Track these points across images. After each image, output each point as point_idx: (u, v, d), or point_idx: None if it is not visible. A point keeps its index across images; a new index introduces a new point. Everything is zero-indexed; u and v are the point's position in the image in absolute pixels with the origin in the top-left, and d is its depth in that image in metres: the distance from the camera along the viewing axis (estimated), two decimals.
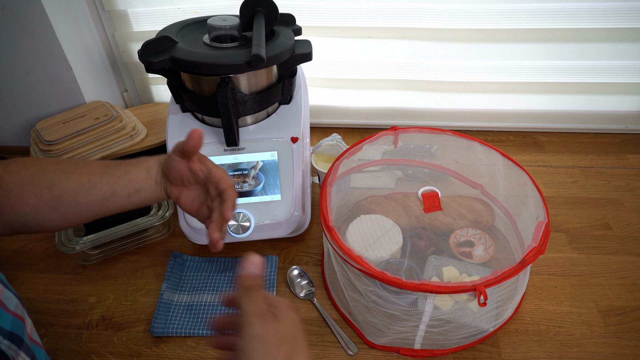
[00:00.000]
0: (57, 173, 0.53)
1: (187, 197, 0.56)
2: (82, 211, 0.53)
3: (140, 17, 0.98)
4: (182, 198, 0.56)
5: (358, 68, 1.02)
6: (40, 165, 0.53)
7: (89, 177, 0.53)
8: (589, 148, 1.03)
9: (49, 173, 0.52)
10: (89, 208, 0.53)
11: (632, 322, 0.67)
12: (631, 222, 0.83)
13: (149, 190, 0.55)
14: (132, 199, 0.54)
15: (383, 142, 0.78)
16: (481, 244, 0.74)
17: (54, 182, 0.52)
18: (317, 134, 1.09)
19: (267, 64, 0.64)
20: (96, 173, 0.54)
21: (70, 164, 0.54)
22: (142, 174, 0.55)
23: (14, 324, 0.40)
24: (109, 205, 0.54)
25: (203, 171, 0.55)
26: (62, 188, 0.52)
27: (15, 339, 0.40)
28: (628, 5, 0.87)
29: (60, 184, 0.52)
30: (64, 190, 0.52)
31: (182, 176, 0.54)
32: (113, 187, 0.53)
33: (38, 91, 0.97)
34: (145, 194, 0.55)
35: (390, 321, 0.60)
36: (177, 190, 0.55)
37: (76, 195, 0.52)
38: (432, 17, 0.92)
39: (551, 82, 1.00)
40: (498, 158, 0.74)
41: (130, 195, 0.54)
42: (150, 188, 0.55)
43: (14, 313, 0.41)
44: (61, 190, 0.52)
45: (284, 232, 0.74)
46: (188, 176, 0.55)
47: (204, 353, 0.65)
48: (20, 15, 0.86)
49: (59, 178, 0.52)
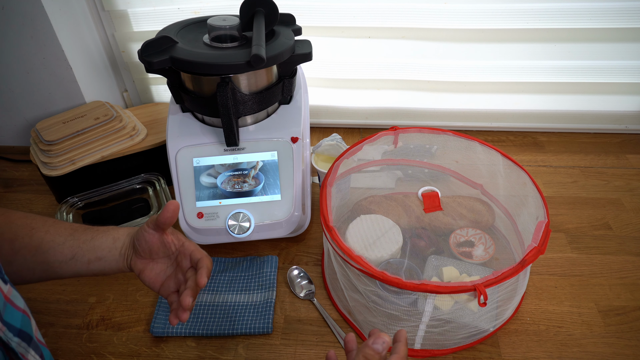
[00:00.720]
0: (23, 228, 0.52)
1: (152, 270, 0.56)
2: (37, 270, 0.52)
3: (140, 17, 0.98)
4: (146, 271, 0.55)
5: (358, 68, 1.02)
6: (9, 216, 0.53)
7: (53, 237, 0.53)
8: (589, 148, 1.03)
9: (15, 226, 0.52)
10: (45, 268, 0.52)
11: (632, 322, 0.67)
12: (631, 222, 0.83)
13: (110, 260, 0.55)
14: (91, 266, 0.54)
15: (383, 142, 0.78)
16: (481, 244, 0.74)
17: (17, 236, 0.51)
18: (317, 134, 1.09)
19: (267, 64, 0.64)
20: (62, 234, 0.53)
21: (39, 221, 0.54)
22: (108, 242, 0.55)
23: (23, 321, 0.41)
24: (66, 268, 0.53)
25: (175, 244, 0.56)
26: (24, 243, 0.51)
27: (24, 336, 0.40)
28: (628, 5, 0.87)
29: (23, 239, 0.51)
30: (25, 245, 0.51)
31: (151, 248, 0.54)
32: (75, 252, 0.53)
33: (38, 91, 0.97)
34: (105, 263, 0.55)
35: (390, 321, 0.60)
36: (142, 263, 0.55)
37: (36, 252, 0.52)
38: (432, 17, 0.92)
39: (551, 82, 1.00)
40: (498, 158, 0.74)
41: (90, 262, 0.54)
42: (112, 258, 0.55)
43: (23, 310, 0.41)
44: (22, 245, 0.51)
45: (284, 232, 0.74)
46: (158, 249, 0.55)
47: (204, 353, 0.65)
48: (20, 15, 0.86)
49: (23, 233, 0.52)
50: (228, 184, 0.72)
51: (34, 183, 0.99)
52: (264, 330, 0.67)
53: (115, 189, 0.86)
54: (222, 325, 0.68)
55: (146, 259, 0.56)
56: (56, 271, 0.53)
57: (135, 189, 0.87)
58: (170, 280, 0.56)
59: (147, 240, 0.54)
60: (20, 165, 1.04)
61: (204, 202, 0.71)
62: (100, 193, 0.86)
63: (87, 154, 0.85)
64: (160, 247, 0.55)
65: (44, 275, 0.53)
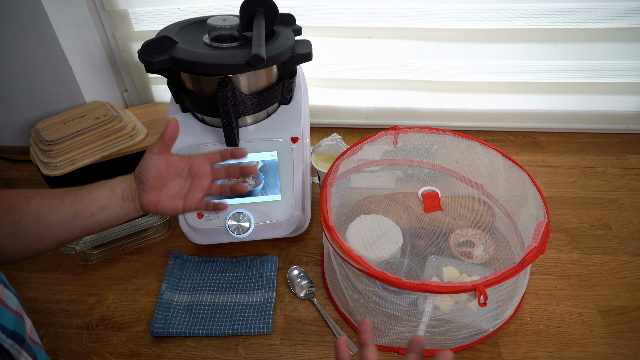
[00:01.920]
0: (17, 197, 0.52)
1: (168, 195, 0.56)
2: (43, 235, 0.52)
3: (140, 17, 0.98)
4: (162, 200, 0.56)
5: (358, 68, 1.02)
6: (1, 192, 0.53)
7: (50, 200, 0.53)
8: (589, 148, 1.03)
9: (9, 198, 0.52)
10: (50, 231, 0.52)
11: (632, 322, 0.67)
12: (631, 222, 0.83)
13: (114, 207, 0.55)
14: (96, 218, 0.54)
15: (383, 142, 0.78)
16: (481, 244, 0.74)
17: (14, 207, 0.51)
18: (317, 134, 1.09)
19: (267, 64, 0.64)
20: (58, 196, 0.53)
21: (32, 190, 0.54)
22: (106, 192, 0.55)
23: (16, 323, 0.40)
24: (72, 226, 0.53)
25: (183, 159, 0.57)
26: (22, 212, 0.51)
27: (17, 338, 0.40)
28: (628, 5, 0.87)
29: (21, 208, 0.51)
30: (25, 214, 0.51)
31: (161, 173, 0.55)
32: (76, 207, 0.53)
33: (38, 91, 0.97)
34: (110, 212, 0.55)
35: (390, 321, 0.60)
36: (154, 194, 0.55)
37: (37, 219, 0.51)
38: (432, 17, 0.92)
39: (551, 82, 1.00)
40: (498, 158, 0.74)
41: (94, 214, 0.54)
42: (115, 205, 0.55)
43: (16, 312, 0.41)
44: (22, 214, 0.51)
45: (284, 232, 0.74)
46: (167, 172, 0.55)
47: (204, 353, 0.65)
48: (20, 15, 0.86)
49: (20, 202, 0.52)
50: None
51: (34, 183, 0.98)
52: (264, 330, 0.67)
53: None
54: (222, 325, 0.68)
55: (157, 188, 0.56)
56: (62, 233, 0.53)
57: None
58: (192, 192, 0.58)
59: (155, 166, 0.54)
60: (20, 165, 1.04)
61: None
62: None
63: (87, 154, 0.85)
64: (169, 169, 0.56)
65: (51, 240, 0.53)
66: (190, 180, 0.59)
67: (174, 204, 0.57)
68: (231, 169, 0.61)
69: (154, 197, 0.55)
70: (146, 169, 0.54)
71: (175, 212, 0.57)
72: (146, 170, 0.54)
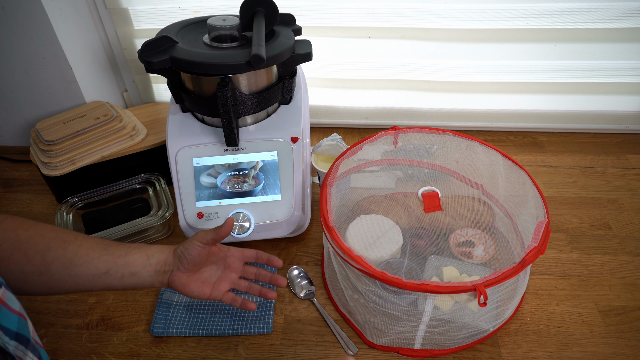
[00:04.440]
0: (55, 240, 0.53)
1: (199, 279, 0.59)
2: (69, 282, 0.53)
3: (141, 15, 0.98)
4: (192, 283, 0.58)
5: (358, 68, 1.02)
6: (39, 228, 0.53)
7: (87, 251, 0.54)
8: (589, 148, 1.03)
9: (47, 238, 0.52)
10: (77, 280, 0.53)
11: (632, 322, 0.67)
12: (631, 222, 0.83)
13: (144, 276, 0.56)
14: (124, 281, 0.55)
15: (383, 142, 0.78)
16: (481, 244, 0.74)
17: (50, 248, 0.52)
18: (317, 134, 1.09)
19: (267, 64, 0.64)
20: (96, 249, 0.54)
21: (70, 234, 0.55)
22: (141, 258, 0.56)
23: (19, 324, 0.40)
24: (99, 282, 0.54)
25: (222, 249, 0.61)
26: (57, 255, 0.52)
27: (22, 339, 0.40)
28: (628, 5, 0.87)
29: (56, 251, 0.52)
30: (58, 257, 0.52)
31: (201, 259, 0.58)
32: (109, 266, 0.54)
33: (38, 91, 0.97)
34: (139, 279, 0.56)
35: (390, 321, 0.60)
36: (187, 276, 0.58)
37: (70, 265, 0.52)
38: (432, 17, 0.92)
39: (551, 82, 1.00)
40: (498, 158, 0.74)
41: (123, 277, 0.55)
42: (146, 274, 0.56)
43: (19, 313, 0.41)
44: (55, 257, 0.52)
45: (284, 232, 0.74)
46: (205, 259, 0.59)
47: (204, 353, 0.65)
48: (20, 15, 0.86)
49: (56, 245, 0.52)
50: (228, 184, 0.72)
51: (34, 183, 0.99)
52: (264, 330, 0.67)
53: (115, 189, 0.86)
54: (222, 325, 0.68)
55: (191, 271, 0.58)
56: (87, 284, 0.54)
57: (135, 189, 0.87)
58: (221, 282, 0.61)
59: (199, 253, 0.57)
60: (20, 165, 1.04)
61: (204, 202, 0.71)
62: (100, 193, 0.86)
63: (87, 154, 0.85)
64: (207, 257, 0.59)
65: (73, 287, 0.54)
66: (222, 270, 0.62)
67: (202, 289, 0.59)
68: (262, 274, 0.64)
69: (186, 279, 0.58)
70: (190, 253, 0.57)
71: (201, 297, 0.59)
72: (190, 254, 0.57)
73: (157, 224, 0.79)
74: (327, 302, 0.72)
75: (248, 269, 0.64)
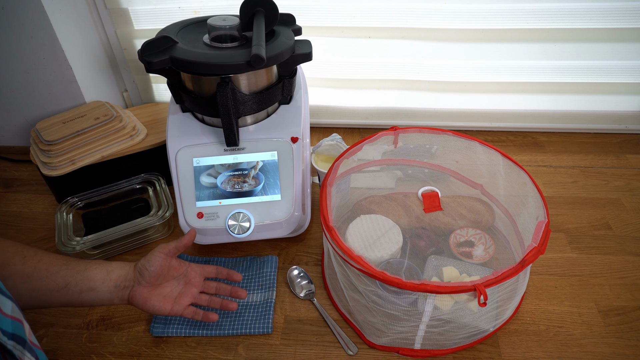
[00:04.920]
0: (15, 255, 0.53)
1: (160, 294, 0.60)
2: (26, 297, 0.53)
3: (141, 15, 0.98)
4: (153, 298, 0.58)
5: (358, 68, 1.02)
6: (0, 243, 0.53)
7: (47, 266, 0.54)
8: (589, 148, 1.03)
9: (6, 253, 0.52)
10: (34, 295, 0.53)
11: (632, 322, 0.67)
12: (631, 222, 0.83)
13: (103, 291, 0.56)
14: (82, 296, 0.55)
15: (383, 142, 0.78)
16: (481, 244, 0.74)
17: (9, 263, 0.52)
18: (317, 134, 1.09)
19: (267, 64, 0.64)
20: (55, 264, 0.55)
21: (31, 250, 0.55)
22: (101, 273, 0.57)
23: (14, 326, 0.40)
24: (56, 297, 0.54)
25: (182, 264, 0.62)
26: (15, 270, 0.52)
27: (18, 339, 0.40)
28: (628, 5, 0.87)
29: (15, 266, 0.52)
30: (16, 272, 0.52)
31: (162, 272, 0.59)
32: (67, 280, 0.54)
33: (38, 91, 0.97)
34: (97, 294, 0.56)
35: (390, 321, 0.60)
36: (148, 291, 0.58)
37: (28, 280, 0.52)
38: (432, 17, 0.92)
39: (551, 82, 1.00)
40: (498, 158, 0.74)
41: (82, 292, 0.55)
42: (105, 289, 0.56)
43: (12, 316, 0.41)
44: (13, 272, 0.52)
45: (284, 232, 0.74)
46: (167, 273, 0.60)
47: (204, 353, 0.65)
48: (20, 15, 0.86)
49: (16, 260, 0.52)
50: (228, 184, 0.72)
51: (34, 183, 0.99)
52: (264, 330, 0.67)
53: (115, 189, 0.86)
54: (222, 325, 0.68)
55: (152, 285, 0.59)
56: (45, 299, 0.54)
57: (135, 189, 0.87)
58: (182, 297, 0.61)
59: (161, 265, 0.58)
60: (20, 165, 1.04)
61: (204, 202, 0.71)
62: (100, 193, 0.86)
63: (87, 154, 0.85)
64: (170, 271, 0.60)
65: (30, 302, 0.54)
66: (183, 286, 0.63)
67: (163, 305, 0.59)
68: (222, 287, 0.65)
69: (147, 294, 0.58)
70: (152, 265, 0.58)
71: (161, 312, 0.60)
72: (151, 266, 0.57)
73: (157, 224, 0.80)
74: (327, 302, 0.72)
75: (208, 284, 0.65)
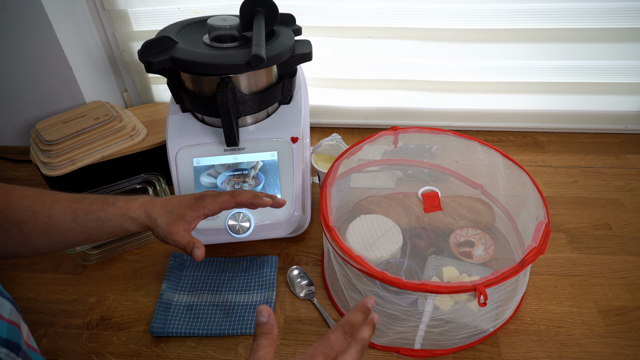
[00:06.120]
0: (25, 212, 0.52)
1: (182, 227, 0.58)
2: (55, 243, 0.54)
3: (140, 17, 0.98)
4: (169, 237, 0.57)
5: (358, 68, 1.02)
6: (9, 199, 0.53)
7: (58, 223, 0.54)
8: (589, 148, 1.03)
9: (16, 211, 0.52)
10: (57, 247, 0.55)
11: (632, 322, 0.67)
12: (631, 222, 0.83)
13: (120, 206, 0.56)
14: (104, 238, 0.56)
15: (383, 142, 0.78)
16: (481, 244, 0.74)
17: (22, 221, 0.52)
18: (317, 134, 1.09)
19: (267, 64, 0.64)
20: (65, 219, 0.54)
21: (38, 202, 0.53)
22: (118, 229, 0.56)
23: (9, 331, 0.40)
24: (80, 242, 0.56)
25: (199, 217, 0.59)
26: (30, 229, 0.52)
27: (12, 346, 0.40)
28: (628, 5, 0.86)
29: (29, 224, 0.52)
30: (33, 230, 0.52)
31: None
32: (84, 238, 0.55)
33: (38, 91, 0.97)
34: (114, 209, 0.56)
35: (390, 321, 0.60)
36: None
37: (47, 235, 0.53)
38: (432, 17, 0.92)
39: (551, 82, 1.00)
40: (498, 158, 0.74)
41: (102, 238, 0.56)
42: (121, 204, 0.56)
43: (9, 320, 0.41)
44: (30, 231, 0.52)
45: (284, 232, 0.74)
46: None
47: (204, 353, 0.65)
48: (20, 15, 0.86)
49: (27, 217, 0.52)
50: (228, 184, 0.72)
51: (34, 183, 0.98)
52: None
53: (115, 189, 0.86)
54: (222, 325, 0.68)
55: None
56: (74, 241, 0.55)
57: (136, 189, 0.87)
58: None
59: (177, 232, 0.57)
60: (20, 165, 1.04)
61: None
62: (100, 193, 0.86)
63: (87, 154, 0.85)
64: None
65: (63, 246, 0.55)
66: None
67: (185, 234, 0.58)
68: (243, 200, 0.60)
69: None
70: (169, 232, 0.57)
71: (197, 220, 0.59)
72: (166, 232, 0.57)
73: None
74: (327, 302, 0.72)
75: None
